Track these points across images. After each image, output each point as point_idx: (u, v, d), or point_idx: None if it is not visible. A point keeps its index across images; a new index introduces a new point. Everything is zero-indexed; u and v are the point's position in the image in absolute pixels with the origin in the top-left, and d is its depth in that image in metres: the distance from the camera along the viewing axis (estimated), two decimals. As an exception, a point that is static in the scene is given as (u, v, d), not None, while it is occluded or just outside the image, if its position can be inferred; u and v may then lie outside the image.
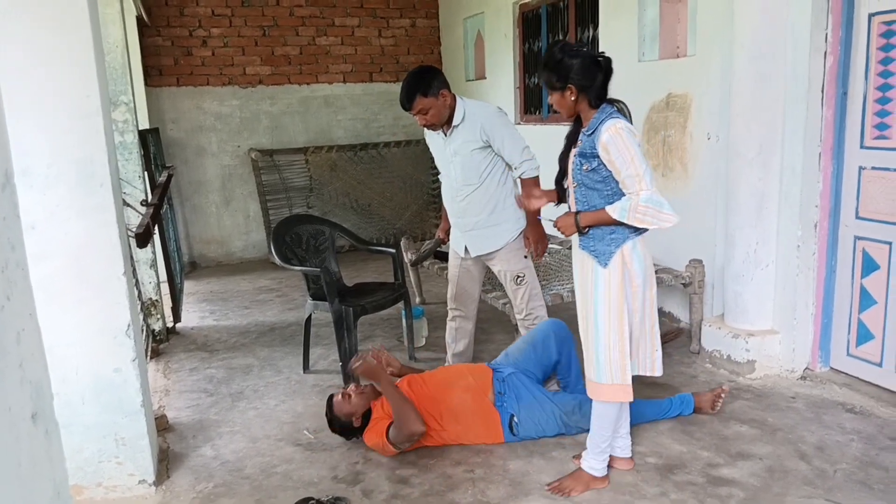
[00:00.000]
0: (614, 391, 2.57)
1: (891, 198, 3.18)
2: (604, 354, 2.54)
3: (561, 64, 2.43)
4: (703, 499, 2.58)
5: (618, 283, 2.49)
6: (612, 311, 2.50)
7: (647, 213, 2.37)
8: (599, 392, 2.60)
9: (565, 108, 2.52)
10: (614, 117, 2.42)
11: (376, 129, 7.49)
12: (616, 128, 2.37)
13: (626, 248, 2.48)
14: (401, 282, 4.16)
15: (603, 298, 2.51)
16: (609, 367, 2.54)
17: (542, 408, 3.03)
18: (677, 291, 4.40)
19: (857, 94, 3.28)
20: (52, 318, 2.51)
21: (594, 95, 2.45)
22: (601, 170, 2.45)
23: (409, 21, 7.47)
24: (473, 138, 3.23)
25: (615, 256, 2.48)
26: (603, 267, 2.49)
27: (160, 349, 4.48)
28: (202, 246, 7.02)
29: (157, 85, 6.62)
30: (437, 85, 3.18)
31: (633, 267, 2.50)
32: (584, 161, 2.47)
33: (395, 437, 2.89)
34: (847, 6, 3.25)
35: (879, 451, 2.85)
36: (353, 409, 3.04)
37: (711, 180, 4.04)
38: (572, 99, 2.47)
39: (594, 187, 2.49)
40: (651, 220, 2.38)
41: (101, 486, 2.75)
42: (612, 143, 2.36)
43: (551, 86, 2.50)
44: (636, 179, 2.36)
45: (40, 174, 2.46)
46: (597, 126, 2.43)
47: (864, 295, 3.37)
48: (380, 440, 2.93)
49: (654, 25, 4.51)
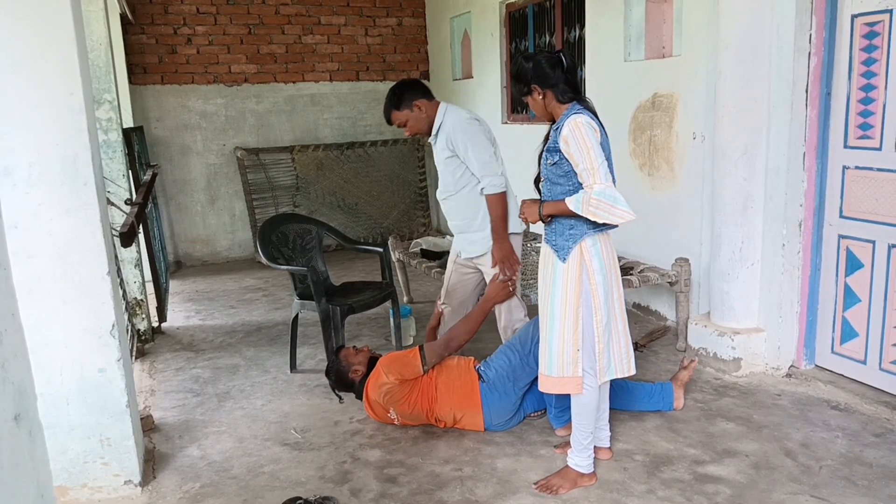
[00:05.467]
0: (564, 384, 2.63)
1: (874, 197, 3.22)
2: (557, 347, 2.60)
3: (521, 70, 2.55)
4: (691, 496, 2.59)
5: (575, 279, 2.54)
6: (568, 305, 2.56)
7: (599, 206, 2.39)
8: (550, 384, 2.66)
9: (538, 110, 2.61)
10: (578, 112, 2.47)
11: (363, 127, 7.48)
12: (576, 122, 2.42)
13: (585, 244, 2.53)
14: (388, 281, 4.16)
15: (560, 292, 2.56)
16: (561, 360, 2.60)
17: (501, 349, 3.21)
18: (664, 290, 4.43)
19: (840, 94, 3.31)
20: (35, 318, 2.50)
21: (559, 91, 2.52)
22: (563, 164, 2.50)
23: (396, 20, 7.46)
24: (444, 147, 3.27)
25: (573, 251, 2.53)
26: (562, 261, 2.55)
27: (145, 349, 4.45)
28: (187, 245, 6.98)
29: (142, 83, 6.57)
30: (409, 97, 3.25)
31: (593, 263, 2.54)
32: (549, 155, 2.55)
33: (432, 353, 3.09)
34: (830, 8, 3.28)
35: (863, 448, 2.88)
36: (358, 361, 3.20)
37: (697, 180, 4.07)
38: (540, 98, 2.55)
39: (557, 182, 2.54)
40: (603, 213, 2.41)
41: (87, 486, 2.72)
42: (571, 135, 2.42)
43: (520, 92, 2.62)
44: (591, 172, 2.40)
45: (23, 173, 2.43)
46: (562, 122, 2.49)
47: (849, 293, 3.40)
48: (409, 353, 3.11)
49: (639, 25, 4.53)
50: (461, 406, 3.09)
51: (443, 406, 3.10)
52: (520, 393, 3.11)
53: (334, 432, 3.22)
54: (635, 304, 4.80)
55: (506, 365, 3.10)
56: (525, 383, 3.10)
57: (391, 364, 3.10)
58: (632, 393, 3.23)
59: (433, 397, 3.10)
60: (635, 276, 3.98)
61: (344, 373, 3.22)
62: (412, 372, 3.06)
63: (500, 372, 3.10)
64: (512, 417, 3.15)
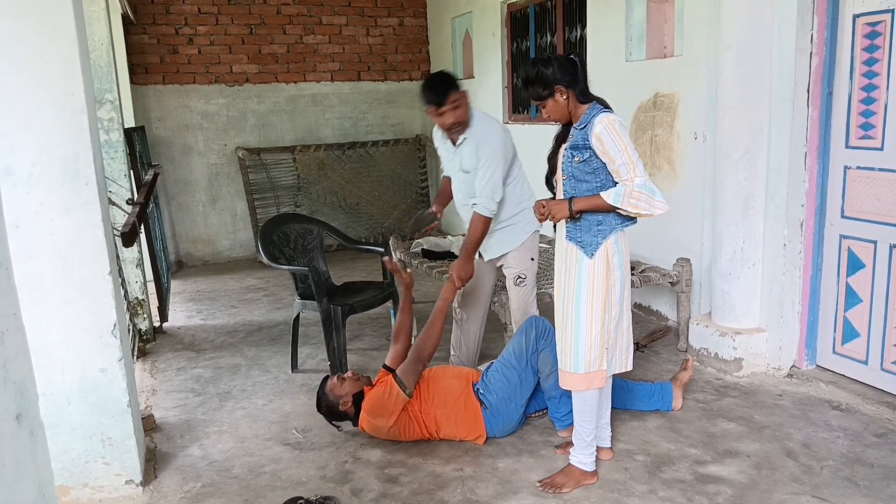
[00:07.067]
0: (591, 379, 2.63)
1: (875, 197, 3.21)
2: (584, 344, 2.59)
3: (540, 74, 2.54)
4: (692, 496, 2.59)
5: (602, 275, 2.55)
6: (595, 301, 2.56)
7: (640, 198, 2.44)
8: (577, 381, 2.65)
9: (560, 111, 2.59)
10: (606, 111, 2.52)
11: (364, 127, 7.48)
12: (609, 119, 2.47)
13: (610, 241, 2.55)
14: (389, 281, 4.16)
15: (587, 289, 2.57)
16: (588, 356, 2.60)
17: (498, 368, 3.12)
18: (665, 290, 4.42)
19: (842, 94, 3.31)
20: (36, 317, 2.50)
21: (580, 90, 2.54)
22: (592, 161, 2.52)
23: (397, 20, 7.46)
24: (473, 154, 3.19)
25: (601, 248, 2.54)
26: (589, 258, 2.56)
27: (147, 349, 4.45)
28: (189, 245, 6.98)
29: (143, 83, 6.57)
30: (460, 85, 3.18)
31: (614, 261, 2.57)
32: (576, 153, 2.54)
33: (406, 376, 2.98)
34: (832, 7, 3.28)
35: (865, 448, 2.88)
36: (345, 392, 3.07)
37: (699, 179, 4.06)
38: (564, 99, 2.55)
39: (583, 179, 2.55)
40: (644, 205, 2.45)
41: (88, 486, 2.72)
42: (606, 133, 2.45)
43: (539, 97, 2.58)
44: (630, 167, 2.44)
45: (24, 173, 2.43)
46: (589, 119, 2.51)
47: (850, 293, 3.40)
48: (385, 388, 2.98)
49: (641, 25, 4.53)
50: (467, 434, 3.05)
51: (447, 434, 3.07)
52: (522, 408, 3.08)
53: (335, 432, 3.22)
54: (636, 304, 4.80)
55: (505, 386, 3.04)
56: (526, 397, 3.08)
57: (373, 409, 3.00)
58: (631, 392, 3.23)
59: (435, 429, 3.05)
60: (636, 275, 3.97)
61: (334, 406, 3.09)
62: (398, 404, 2.96)
63: (501, 395, 3.03)
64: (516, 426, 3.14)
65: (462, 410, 3.03)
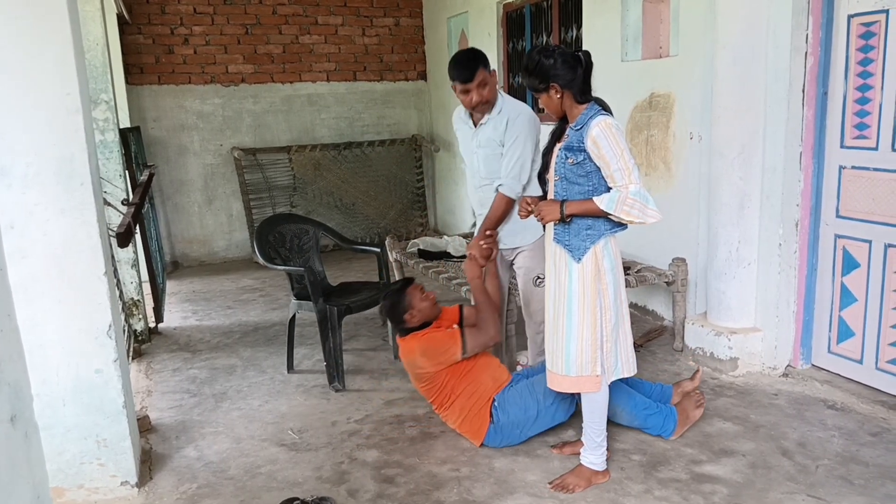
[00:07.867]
0: (581, 383, 2.63)
1: (870, 197, 3.22)
2: (575, 347, 2.59)
3: (540, 66, 2.50)
4: (688, 495, 2.60)
5: (591, 278, 2.55)
6: (585, 305, 2.56)
7: (634, 206, 2.42)
8: (567, 384, 2.66)
9: (553, 108, 2.58)
10: (604, 114, 2.49)
11: (360, 127, 7.48)
12: (606, 123, 2.45)
13: (599, 246, 2.54)
14: (386, 281, 4.15)
15: (577, 292, 2.56)
16: (580, 360, 2.60)
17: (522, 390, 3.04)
18: (660, 289, 4.43)
19: (836, 94, 3.32)
20: (31, 318, 2.49)
21: (577, 90, 2.52)
22: (586, 164, 2.50)
23: (393, 20, 7.45)
24: (501, 131, 3.11)
25: (589, 252, 2.54)
26: (576, 262, 2.55)
27: (142, 350, 4.44)
28: (184, 245, 6.96)
29: (139, 83, 6.56)
30: (489, 63, 3.09)
31: (603, 264, 2.55)
32: (570, 154, 2.52)
33: (473, 341, 3.00)
34: (827, 7, 3.29)
35: (860, 447, 2.89)
36: (421, 307, 3.11)
37: (694, 179, 4.07)
38: (557, 97, 2.53)
39: (576, 181, 2.54)
40: (637, 213, 2.43)
41: (83, 488, 2.72)
42: (603, 137, 2.42)
43: (535, 88, 2.57)
44: (625, 173, 2.42)
45: (19, 173, 2.42)
46: (586, 121, 2.49)
47: (845, 293, 3.41)
48: (448, 338, 3.01)
49: (636, 25, 4.53)
50: (466, 431, 3.05)
51: (449, 418, 3.09)
52: (527, 437, 3.02)
53: (331, 433, 3.22)
54: (632, 304, 4.80)
55: (520, 414, 2.96)
56: (536, 432, 3.01)
57: (427, 350, 3.01)
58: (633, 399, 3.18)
59: (448, 405, 3.06)
60: (632, 275, 3.98)
61: (401, 309, 3.08)
62: (449, 360, 2.98)
63: (512, 419, 2.97)
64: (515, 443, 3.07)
65: (475, 412, 3.01)
